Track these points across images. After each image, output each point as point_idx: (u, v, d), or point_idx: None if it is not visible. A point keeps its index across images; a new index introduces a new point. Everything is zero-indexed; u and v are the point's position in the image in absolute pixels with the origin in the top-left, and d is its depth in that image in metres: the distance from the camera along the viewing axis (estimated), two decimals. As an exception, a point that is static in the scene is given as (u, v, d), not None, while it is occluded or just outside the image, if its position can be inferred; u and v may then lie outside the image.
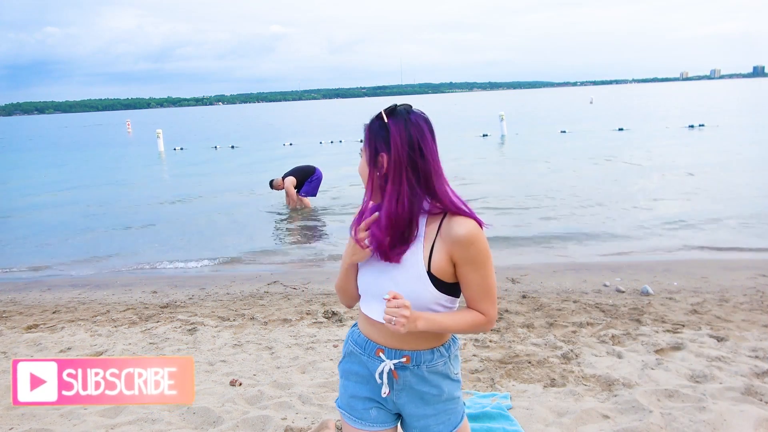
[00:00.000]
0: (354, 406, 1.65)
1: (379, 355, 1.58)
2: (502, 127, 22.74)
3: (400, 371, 1.58)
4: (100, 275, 6.42)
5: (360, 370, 1.64)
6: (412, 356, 1.57)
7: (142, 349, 3.83)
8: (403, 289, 1.46)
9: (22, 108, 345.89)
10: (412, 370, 1.58)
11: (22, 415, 2.90)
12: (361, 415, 1.64)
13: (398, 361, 1.57)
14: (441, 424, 1.62)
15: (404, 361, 1.57)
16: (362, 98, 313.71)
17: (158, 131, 24.60)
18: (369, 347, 1.60)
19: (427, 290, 1.47)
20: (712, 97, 59.14)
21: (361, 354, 1.62)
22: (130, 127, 45.22)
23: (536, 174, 12.26)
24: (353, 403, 1.65)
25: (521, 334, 3.79)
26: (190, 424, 2.78)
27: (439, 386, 1.60)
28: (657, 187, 10.16)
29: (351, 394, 1.66)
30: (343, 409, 1.68)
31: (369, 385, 1.63)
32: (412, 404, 1.61)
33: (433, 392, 1.60)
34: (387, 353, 1.57)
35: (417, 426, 1.63)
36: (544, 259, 6.22)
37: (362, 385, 1.64)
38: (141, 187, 13.43)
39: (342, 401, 1.69)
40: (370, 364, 1.61)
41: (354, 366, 1.66)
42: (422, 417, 1.61)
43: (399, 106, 1.49)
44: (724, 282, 4.95)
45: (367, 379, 1.63)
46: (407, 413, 1.63)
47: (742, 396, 2.77)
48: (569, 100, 73.79)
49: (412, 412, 1.62)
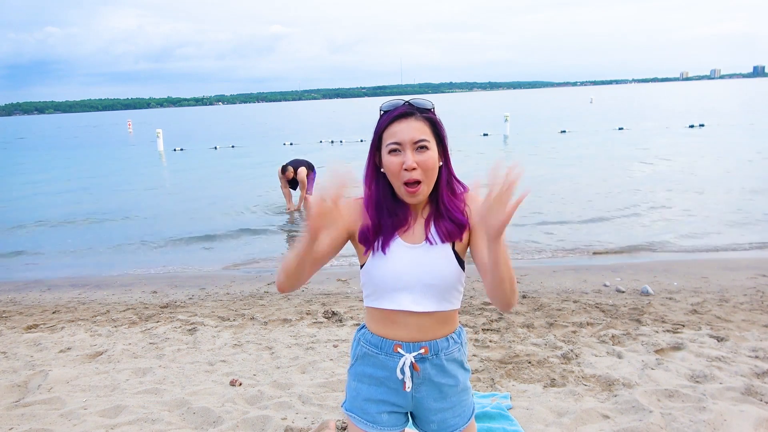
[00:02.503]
0: (367, 409, 1.65)
1: (398, 350, 1.60)
2: (506, 127, 22.75)
3: (420, 363, 1.60)
4: (100, 275, 6.42)
5: (375, 371, 1.64)
6: (429, 346, 1.60)
7: (142, 349, 3.83)
8: (435, 271, 1.53)
9: (21, 108, 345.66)
10: (431, 361, 1.61)
11: (22, 416, 2.90)
12: (374, 419, 1.64)
13: (417, 353, 1.59)
14: (457, 416, 1.67)
15: (423, 352, 1.60)
16: (362, 98, 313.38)
17: (158, 131, 24.62)
18: (386, 345, 1.61)
19: (456, 269, 1.56)
20: (712, 97, 59.12)
21: (378, 353, 1.63)
22: (131, 128, 45.22)
23: (536, 174, 12.25)
24: (366, 407, 1.65)
25: (521, 334, 3.79)
26: (190, 424, 2.78)
27: (455, 376, 1.65)
28: (657, 186, 10.14)
29: (365, 397, 1.66)
30: (353, 412, 1.67)
31: (384, 387, 1.64)
32: (430, 398, 1.64)
33: (451, 383, 1.64)
34: (405, 347, 1.60)
35: (435, 420, 1.65)
36: (544, 259, 6.22)
37: (377, 387, 1.64)
38: (140, 187, 13.42)
39: (352, 405, 1.68)
40: (389, 362, 1.61)
41: (368, 368, 1.65)
42: (440, 410, 1.65)
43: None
44: (724, 282, 4.95)
45: (382, 380, 1.63)
46: (425, 408, 1.65)
47: (742, 396, 2.77)
48: (569, 100, 73.78)
49: (430, 406, 1.64)
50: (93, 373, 3.44)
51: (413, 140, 1.50)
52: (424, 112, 1.54)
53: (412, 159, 1.49)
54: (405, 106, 1.54)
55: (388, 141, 1.52)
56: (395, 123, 1.52)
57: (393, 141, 1.51)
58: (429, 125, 1.53)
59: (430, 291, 1.55)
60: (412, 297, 1.55)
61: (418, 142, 1.50)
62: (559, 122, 28.70)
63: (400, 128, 1.51)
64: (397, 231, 1.58)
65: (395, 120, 1.52)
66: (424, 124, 1.53)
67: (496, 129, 24.76)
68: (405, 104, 1.55)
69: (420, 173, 1.50)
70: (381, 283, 1.58)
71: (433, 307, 1.57)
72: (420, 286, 1.55)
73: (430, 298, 1.56)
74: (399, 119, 1.52)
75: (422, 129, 1.51)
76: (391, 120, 1.53)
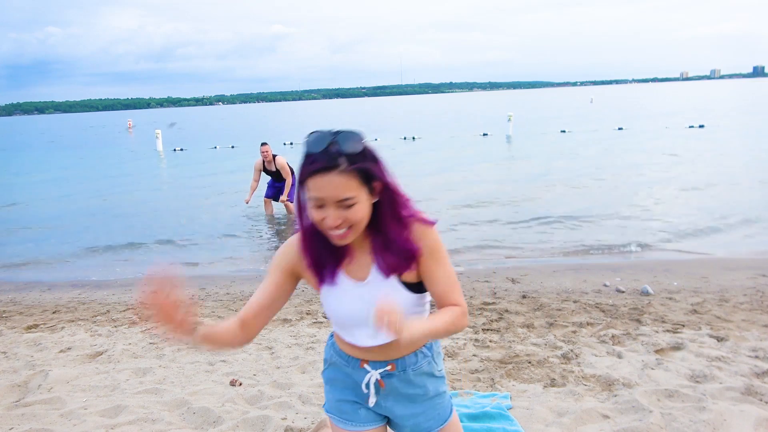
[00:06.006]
0: (342, 408, 1.65)
1: (364, 366, 1.58)
2: (509, 127, 22.75)
3: (386, 379, 1.58)
4: (100, 275, 6.42)
5: (344, 378, 1.64)
6: (396, 363, 1.57)
7: (142, 349, 3.83)
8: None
9: (22, 108, 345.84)
10: (398, 376, 1.58)
11: (22, 415, 2.90)
12: (351, 417, 1.64)
13: (383, 370, 1.57)
14: (431, 420, 1.64)
15: (389, 369, 1.57)
16: (362, 98, 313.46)
17: (157, 131, 24.66)
18: (352, 361, 1.60)
19: (408, 298, 1.47)
20: (712, 98, 59.12)
21: (345, 365, 1.62)
22: (131, 127, 45.21)
23: (536, 174, 12.25)
24: (341, 406, 1.65)
25: (521, 334, 3.79)
26: (190, 424, 2.78)
27: (424, 386, 1.61)
28: (657, 186, 10.14)
29: (338, 398, 1.65)
30: (332, 413, 1.67)
31: (355, 390, 1.63)
32: (399, 405, 1.62)
33: (419, 392, 1.61)
34: (372, 364, 1.58)
35: (407, 425, 1.64)
36: (544, 259, 6.22)
37: (348, 390, 1.64)
38: (140, 187, 13.42)
39: (329, 405, 1.68)
40: (355, 375, 1.60)
41: (338, 374, 1.65)
42: (411, 416, 1.63)
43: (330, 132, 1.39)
44: (724, 282, 4.95)
45: (352, 386, 1.63)
46: (396, 415, 1.63)
47: (742, 396, 2.77)
48: (569, 100, 73.78)
49: (400, 413, 1.63)
50: (93, 373, 3.44)
51: (336, 198, 1.32)
52: (351, 162, 1.32)
53: (335, 217, 1.34)
54: (325, 158, 1.31)
55: (309, 191, 1.35)
56: (316, 176, 1.32)
57: (314, 195, 1.34)
58: (356, 177, 1.33)
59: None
60: (368, 332, 1.49)
61: (342, 201, 1.33)
62: (559, 122, 28.69)
63: (322, 184, 1.31)
64: (340, 265, 1.49)
65: (316, 173, 1.32)
66: (350, 178, 1.32)
67: (498, 129, 24.76)
68: (326, 152, 1.31)
69: (346, 225, 1.36)
70: (336, 319, 1.55)
71: (384, 338, 1.51)
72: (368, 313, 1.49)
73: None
74: (320, 173, 1.31)
75: (347, 185, 1.32)
76: (311, 172, 1.33)
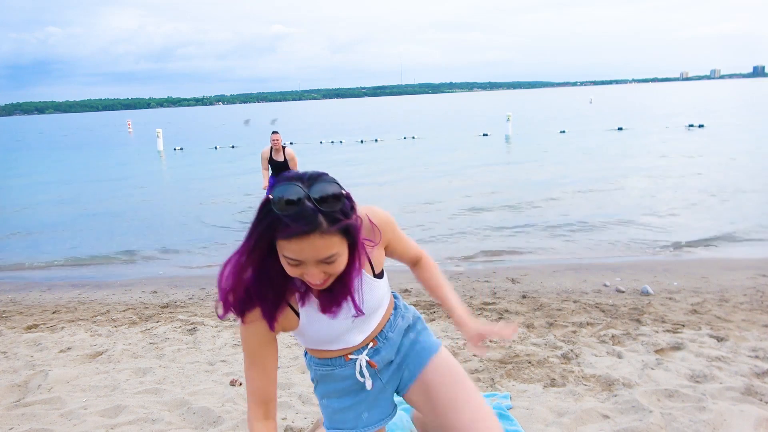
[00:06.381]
0: (344, 418, 1.64)
1: (350, 358, 1.59)
2: (508, 127, 22.75)
3: (375, 357, 1.61)
4: (100, 275, 6.42)
5: (338, 384, 1.63)
6: (377, 338, 1.61)
7: (142, 349, 3.83)
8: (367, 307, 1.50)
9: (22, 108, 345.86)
10: (383, 346, 1.62)
11: (22, 415, 2.90)
12: (354, 424, 1.63)
13: (368, 350, 1.60)
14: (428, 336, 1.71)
15: (373, 346, 1.61)
16: (362, 98, 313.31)
17: (158, 131, 24.66)
18: (336, 360, 1.61)
19: (381, 289, 1.54)
20: (712, 97, 59.11)
21: (332, 369, 1.61)
22: (131, 128, 45.21)
23: (536, 174, 12.25)
24: (342, 416, 1.64)
25: (521, 334, 3.79)
26: (190, 424, 2.78)
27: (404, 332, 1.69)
28: (656, 186, 10.15)
29: (337, 409, 1.65)
30: (335, 427, 1.66)
31: (351, 393, 1.63)
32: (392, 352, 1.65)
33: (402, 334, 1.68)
34: (356, 352, 1.60)
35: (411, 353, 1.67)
36: (544, 259, 6.22)
37: (346, 397, 1.64)
38: (140, 187, 13.42)
39: (331, 421, 1.67)
40: (346, 371, 1.61)
41: (330, 385, 1.64)
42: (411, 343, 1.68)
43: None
44: (724, 282, 4.95)
45: (347, 390, 1.63)
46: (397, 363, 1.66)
47: (742, 396, 2.77)
48: (569, 100, 73.77)
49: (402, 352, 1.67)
50: (93, 373, 3.44)
51: (318, 258, 1.20)
52: (331, 221, 1.18)
53: (316, 274, 1.24)
54: (302, 221, 1.15)
55: (284, 253, 1.21)
56: (293, 241, 1.17)
57: (292, 257, 1.20)
58: (338, 235, 1.20)
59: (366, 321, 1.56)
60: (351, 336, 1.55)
61: (324, 259, 1.21)
62: (559, 122, 28.69)
63: (300, 248, 1.18)
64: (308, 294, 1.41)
65: (293, 237, 1.16)
66: (332, 238, 1.19)
67: (497, 129, 24.76)
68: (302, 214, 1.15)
69: (328, 278, 1.28)
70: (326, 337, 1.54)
71: (372, 327, 1.58)
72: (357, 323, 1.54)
73: (367, 324, 1.57)
74: (299, 237, 1.16)
75: (329, 245, 1.19)
76: (286, 236, 1.17)
